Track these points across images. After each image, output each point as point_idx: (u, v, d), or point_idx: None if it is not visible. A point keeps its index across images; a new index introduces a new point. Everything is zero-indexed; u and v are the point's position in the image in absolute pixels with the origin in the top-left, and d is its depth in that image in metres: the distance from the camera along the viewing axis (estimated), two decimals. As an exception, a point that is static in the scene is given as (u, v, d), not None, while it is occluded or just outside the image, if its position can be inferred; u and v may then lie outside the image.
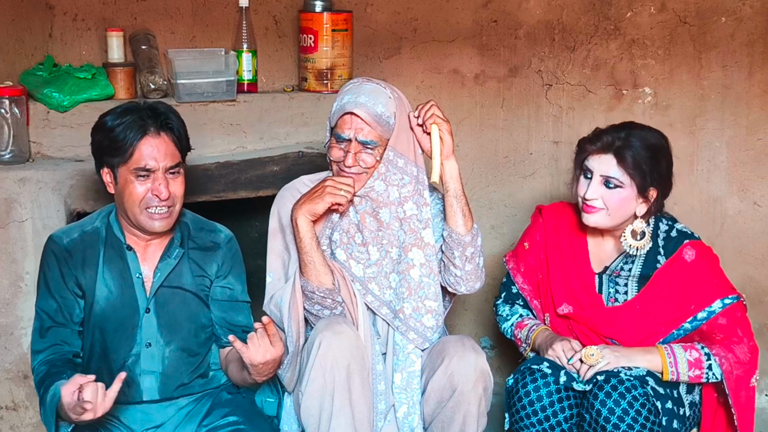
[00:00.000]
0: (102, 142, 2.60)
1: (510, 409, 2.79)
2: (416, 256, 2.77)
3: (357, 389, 2.66)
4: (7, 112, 3.02)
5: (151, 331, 2.68)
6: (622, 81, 3.69)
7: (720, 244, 3.69)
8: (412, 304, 2.78)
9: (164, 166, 2.58)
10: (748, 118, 3.67)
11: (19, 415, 3.07)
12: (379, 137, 2.73)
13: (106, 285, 2.66)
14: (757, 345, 2.82)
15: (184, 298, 2.71)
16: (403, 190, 2.77)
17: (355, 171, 2.75)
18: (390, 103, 2.74)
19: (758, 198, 3.70)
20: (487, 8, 3.68)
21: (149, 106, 2.62)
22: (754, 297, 3.73)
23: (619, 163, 2.76)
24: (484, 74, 3.74)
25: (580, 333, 2.92)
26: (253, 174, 3.29)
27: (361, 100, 2.72)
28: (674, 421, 2.74)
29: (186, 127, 2.68)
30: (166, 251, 2.70)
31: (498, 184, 3.82)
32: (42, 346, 2.63)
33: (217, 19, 3.48)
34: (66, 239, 2.67)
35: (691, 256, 2.84)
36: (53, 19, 3.30)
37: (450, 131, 2.75)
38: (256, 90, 3.47)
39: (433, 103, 2.76)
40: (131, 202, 2.58)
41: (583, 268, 2.92)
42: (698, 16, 3.62)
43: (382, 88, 2.77)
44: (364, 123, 2.71)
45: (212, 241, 2.77)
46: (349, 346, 2.65)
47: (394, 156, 2.76)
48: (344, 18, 3.47)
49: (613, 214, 2.80)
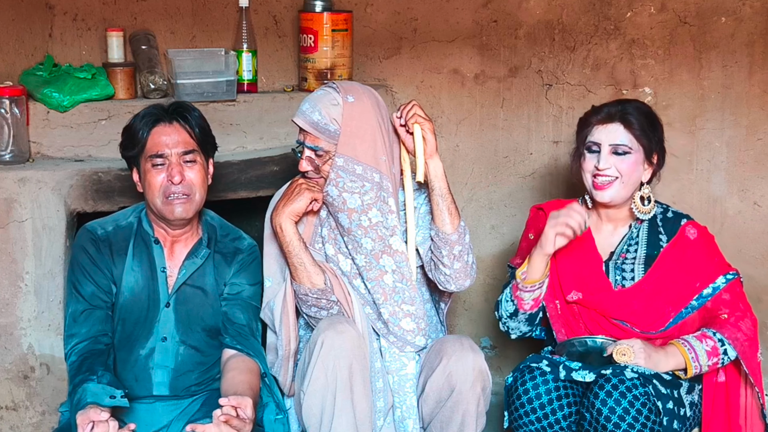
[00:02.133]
0: (124, 143, 2.72)
1: (509, 407, 2.79)
2: (387, 263, 2.79)
3: (359, 388, 2.66)
4: (7, 112, 3.02)
5: (169, 325, 2.74)
6: (622, 81, 3.69)
7: (720, 244, 3.64)
8: (389, 309, 2.79)
9: (177, 152, 2.65)
10: (748, 118, 3.66)
11: (19, 415, 3.07)
12: (325, 143, 2.74)
13: (133, 276, 2.74)
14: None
15: (203, 299, 2.77)
16: (365, 197, 2.75)
17: (312, 176, 2.78)
18: (331, 110, 2.73)
19: (758, 198, 3.70)
20: (487, 8, 3.69)
21: (171, 104, 2.73)
22: (754, 296, 3.71)
23: (627, 128, 2.85)
24: (484, 74, 3.74)
25: (589, 319, 2.93)
26: (253, 174, 3.29)
27: (302, 108, 2.78)
28: (675, 422, 2.74)
29: (207, 124, 2.76)
30: (194, 250, 2.76)
31: (498, 184, 3.82)
32: (76, 330, 2.70)
33: (217, 19, 3.48)
34: (100, 230, 2.77)
35: (693, 235, 2.93)
36: (53, 19, 3.30)
37: (432, 130, 2.74)
38: (256, 90, 3.47)
39: (414, 103, 2.77)
40: (152, 192, 2.67)
41: (590, 254, 2.95)
42: (698, 16, 3.62)
43: (331, 93, 2.76)
44: (306, 130, 2.75)
45: (236, 247, 2.83)
46: (352, 345, 2.65)
47: (345, 162, 2.73)
48: (344, 18, 3.47)
49: (627, 181, 2.86)
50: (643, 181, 2.91)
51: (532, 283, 2.89)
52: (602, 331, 2.91)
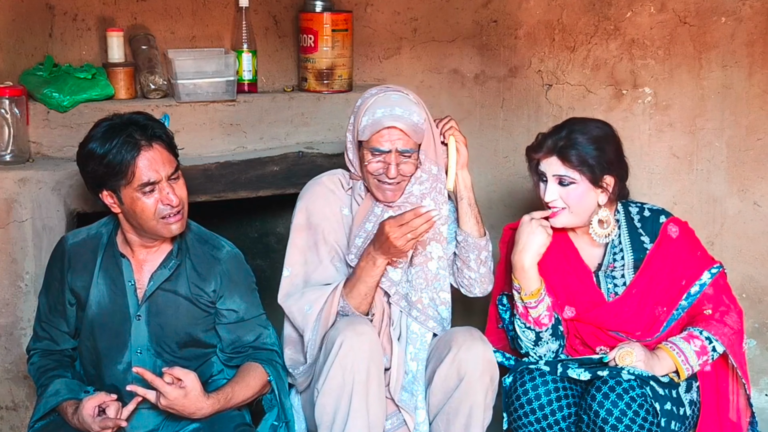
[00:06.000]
0: (97, 171, 2.59)
1: (508, 408, 2.79)
2: (434, 250, 2.85)
3: (374, 391, 2.66)
4: (7, 112, 3.02)
5: (142, 338, 2.71)
6: (622, 81, 3.69)
7: (720, 244, 3.69)
8: (429, 294, 2.85)
9: (166, 174, 2.59)
10: (748, 118, 3.66)
11: (19, 415, 3.07)
12: (415, 144, 2.79)
13: (98, 290, 2.70)
14: (741, 307, 2.95)
15: (176, 310, 2.72)
16: (422, 186, 2.84)
17: (397, 181, 2.79)
18: (420, 111, 2.81)
19: (758, 198, 3.70)
20: (487, 8, 3.69)
21: (128, 120, 2.62)
22: (754, 297, 3.73)
23: (564, 162, 2.79)
24: (484, 74, 3.74)
25: (585, 334, 2.91)
26: (253, 174, 3.29)
27: (396, 113, 2.75)
28: (673, 422, 2.74)
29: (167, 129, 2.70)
30: (164, 263, 2.71)
31: (498, 184, 3.82)
32: (41, 334, 2.77)
33: (217, 20, 3.48)
34: (72, 240, 2.74)
35: (675, 233, 2.92)
36: (53, 19, 3.30)
37: (466, 143, 2.89)
38: (256, 90, 3.47)
39: (450, 117, 2.94)
40: (146, 217, 2.60)
41: (579, 268, 2.93)
42: (698, 16, 3.62)
43: (407, 96, 2.82)
44: (403, 134, 2.74)
45: (212, 255, 2.76)
46: (370, 348, 2.66)
47: (424, 158, 2.84)
48: (344, 18, 3.47)
49: (575, 209, 2.83)
50: (600, 203, 2.85)
51: (537, 294, 2.83)
52: (600, 343, 2.90)
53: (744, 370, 2.91)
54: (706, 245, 3.04)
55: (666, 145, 3.70)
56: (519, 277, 2.82)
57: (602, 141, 2.83)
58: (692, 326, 2.87)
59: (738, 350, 2.89)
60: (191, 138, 3.28)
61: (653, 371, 2.77)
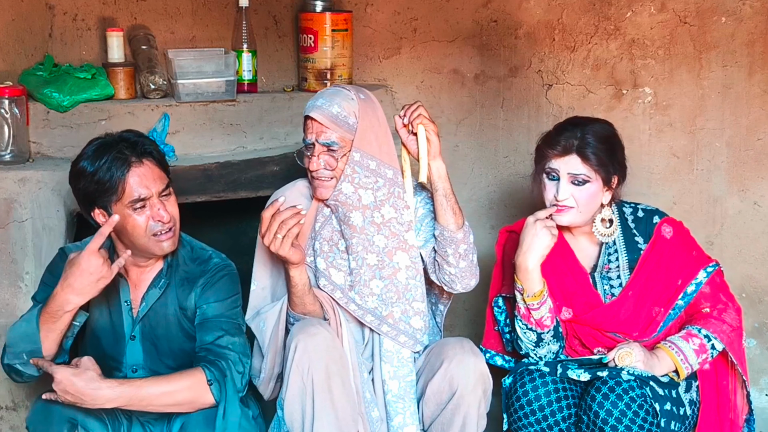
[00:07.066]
0: (88, 188, 2.60)
1: (508, 409, 2.79)
2: (401, 260, 2.76)
3: (338, 390, 2.63)
4: (7, 112, 3.02)
5: (137, 357, 2.71)
6: (622, 81, 3.69)
7: (720, 244, 3.69)
8: (401, 308, 2.78)
9: (156, 191, 2.60)
10: (748, 118, 3.66)
11: (19, 415, 3.07)
12: (341, 138, 2.71)
13: (98, 308, 2.70)
14: (740, 305, 2.95)
15: (168, 324, 2.72)
16: (378, 193, 2.74)
17: (324, 176, 2.73)
18: (349, 104, 2.72)
19: (758, 198, 3.70)
20: (487, 8, 3.68)
21: (119, 138, 2.62)
22: (754, 297, 3.73)
23: (584, 161, 2.79)
24: (484, 74, 3.74)
25: (583, 335, 2.91)
26: (253, 174, 3.29)
27: (317, 103, 2.72)
28: (672, 422, 2.74)
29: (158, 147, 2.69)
30: (154, 282, 2.71)
31: (498, 184, 3.82)
32: None
33: (217, 19, 3.48)
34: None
35: (669, 233, 2.91)
36: (53, 19, 3.30)
37: (436, 132, 2.72)
38: (256, 90, 3.47)
39: (419, 103, 2.74)
40: (137, 234, 2.60)
41: (575, 269, 2.93)
42: (698, 16, 3.61)
43: (344, 91, 2.76)
44: (321, 125, 2.70)
45: (200, 269, 2.75)
46: (326, 346, 2.63)
47: (361, 157, 2.72)
48: (344, 18, 3.47)
49: (584, 208, 2.83)
50: (604, 203, 2.87)
51: (540, 296, 2.82)
52: (598, 344, 2.90)
53: (744, 367, 2.91)
54: (705, 245, 3.04)
55: (666, 145, 3.70)
56: (522, 279, 2.82)
57: (613, 142, 2.87)
58: (690, 324, 2.87)
59: (737, 347, 2.90)
60: (191, 138, 3.28)
61: (653, 371, 2.77)
